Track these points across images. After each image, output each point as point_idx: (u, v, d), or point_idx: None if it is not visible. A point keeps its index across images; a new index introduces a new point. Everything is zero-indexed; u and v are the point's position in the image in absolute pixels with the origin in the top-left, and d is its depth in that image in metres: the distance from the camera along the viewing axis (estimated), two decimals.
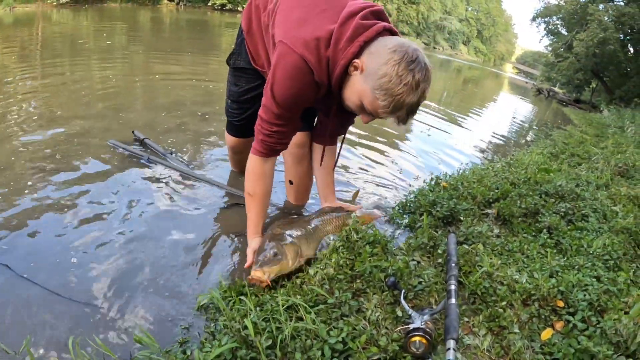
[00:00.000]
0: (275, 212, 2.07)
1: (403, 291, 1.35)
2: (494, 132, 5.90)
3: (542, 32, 20.01)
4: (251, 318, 1.16)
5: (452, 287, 1.35)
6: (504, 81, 24.52)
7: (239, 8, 20.95)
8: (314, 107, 1.70)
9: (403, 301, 1.30)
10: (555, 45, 18.86)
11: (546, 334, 1.27)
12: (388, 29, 1.40)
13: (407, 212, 2.15)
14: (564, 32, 18.49)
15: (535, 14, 19.06)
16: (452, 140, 4.62)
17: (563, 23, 18.31)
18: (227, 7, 21.64)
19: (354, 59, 1.36)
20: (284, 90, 1.40)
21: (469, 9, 56.86)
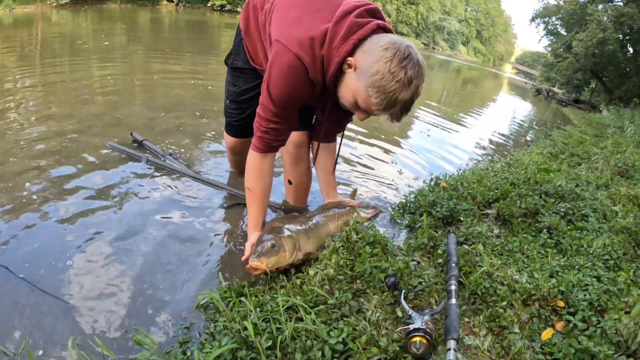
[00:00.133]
0: (277, 213, 2.07)
1: (403, 291, 1.35)
2: (494, 133, 5.90)
3: (542, 33, 20.05)
4: (251, 319, 1.16)
5: (453, 288, 1.35)
6: (503, 81, 24.54)
7: (238, 9, 20.98)
8: (311, 106, 1.71)
9: (403, 301, 1.30)
10: (554, 45, 18.86)
11: (546, 334, 1.27)
12: (382, 27, 1.41)
13: (407, 213, 2.14)
14: (563, 33, 18.51)
15: (534, 15, 19.08)
16: (452, 140, 4.63)
17: (562, 23, 18.31)
18: (227, 8, 21.66)
19: (348, 57, 1.37)
20: (280, 88, 1.42)
21: (468, 10, 56.94)
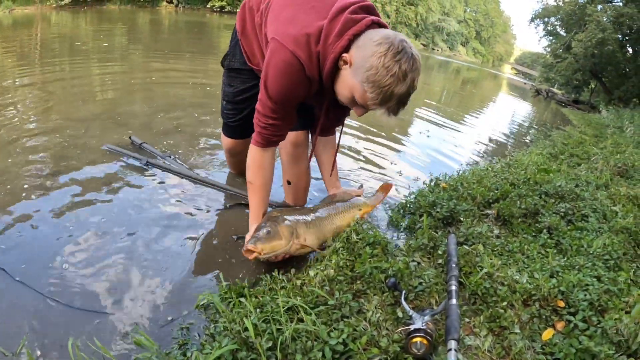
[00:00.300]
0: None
1: (403, 292, 1.35)
2: (493, 133, 5.90)
3: (541, 33, 20.06)
4: (251, 319, 1.15)
5: (453, 288, 1.35)
6: (503, 82, 24.55)
7: (238, 10, 20.97)
8: (309, 104, 1.73)
9: (404, 302, 1.30)
10: (553, 46, 18.86)
11: (547, 334, 1.27)
12: (377, 22, 1.42)
13: (407, 213, 2.14)
14: (563, 33, 18.50)
15: (533, 15, 19.08)
16: (452, 140, 4.62)
17: (562, 24, 18.31)
18: (226, 10, 21.67)
19: (343, 53, 1.38)
20: (277, 85, 1.44)
21: (468, 10, 56.98)
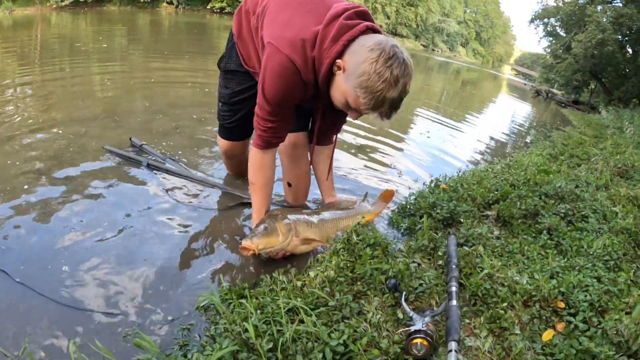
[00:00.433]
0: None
1: (404, 293, 1.35)
2: (493, 134, 5.90)
3: (541, 34, 19.99)
4: (252, 321, 1.16)
5: (453, 289, 1.35)
6: (503, 83, 24.57)
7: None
8: (306, 107, 1.75)
9: (404, 303, 1.30)
10: (553, 46, 18.85)
11: (547, 335, 1.27)
12: (371, 28, 1.45)
13: (407, 215, 2.14)
14: (563, 34, 18.49)
15: (533, 16, 19.05)
16: (452, 141, 4.63)
17: (561, 24, 18.30)
18: (227, 11, 21.68)
19: (337, 59, 1.41)
20: (273, 88, 1.48)
21: (468, 11, 57.00)
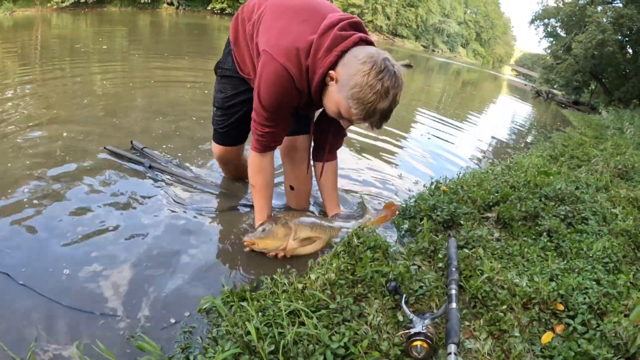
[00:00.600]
0: None
1: (404, 296, 1.36)
2: (494, 135, 5.90)
3: (541, 35, 19.97)
4: (253, 323, 1.16)
5: (453, 292, 1.36)
6: (503, 83, 24.54)
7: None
8: (301, 114, 1.79)
9: (404, 306, 1.31)
10: (554, 47, 18.83)
11: (546, 337, 1.28)
12: (364, 40, 1.50)
13: (408, 217, 2.15)
14: (563, 34, 18.47)
15: (533, 17, 19.01)
16: (452, 143, 4.63)
17: (562, 25, 18.28)
18: (227, 12, 21.69)
19: (330, 69, 1.45)
20: (268, 95, 1.52)
21: (468, 12, 56.99)
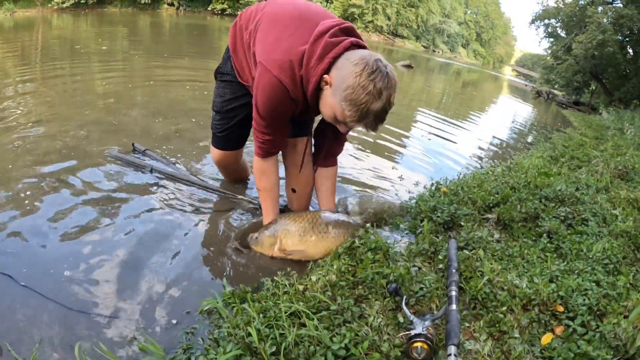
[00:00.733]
0: None
1: (404, 297, 1.37)
2: (494, 136, 5.91)
3: (541, 35, 19.98)
4: (255, 325, 1.17)
5: (453, 293, 1.36)
6: (503, 84, 24.53)
7: (239, 12, 21.02)
8: (299, 120, 1.82)
9: (404, 307, 1.32)
10: (554, 47, 18.82)
11: (546, 339, 1.28)
12: (356, 44, 1.52)
13: (408, 218, 2.16)
14: (563, 35, 18.46)
15: (534, 17, 18.99)
16: (452, 144, 4.63)
17: (562, 25, 18.27)
18: (227, 12, 21.71)
19: (324, 75, 1.48)
20: (264, 105, 1.58)
21: (468, 12, 56.99)
